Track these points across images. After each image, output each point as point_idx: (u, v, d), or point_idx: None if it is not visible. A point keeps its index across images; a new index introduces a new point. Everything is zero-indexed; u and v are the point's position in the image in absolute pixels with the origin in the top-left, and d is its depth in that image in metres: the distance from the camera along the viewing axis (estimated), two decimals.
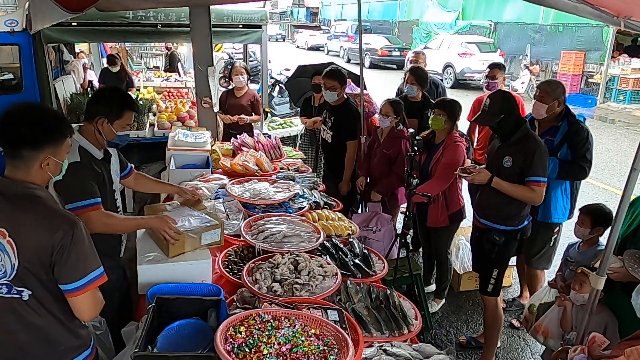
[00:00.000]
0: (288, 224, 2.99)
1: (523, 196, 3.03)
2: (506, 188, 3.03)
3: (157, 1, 4.38)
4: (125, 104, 2.49)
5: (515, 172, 3.02)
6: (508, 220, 3.13)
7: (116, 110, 2.44)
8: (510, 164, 3.03)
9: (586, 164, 3.40)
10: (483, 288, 3.32)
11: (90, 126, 2.43)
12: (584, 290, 2.60)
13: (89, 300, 1.75)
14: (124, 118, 2.47)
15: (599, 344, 1.94)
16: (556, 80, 3.90)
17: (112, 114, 2.42)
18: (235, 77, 5.33)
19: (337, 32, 28.82)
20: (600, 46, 14.71)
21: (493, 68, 4.88)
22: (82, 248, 1.70)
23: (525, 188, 3.00)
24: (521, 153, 2.99)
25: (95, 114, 2.42)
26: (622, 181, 6.04)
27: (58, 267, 1.68)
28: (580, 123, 3.45)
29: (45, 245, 1.64)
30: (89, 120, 2.44)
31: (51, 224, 1.66)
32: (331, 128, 4.37)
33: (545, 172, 3.01)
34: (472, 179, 3.17)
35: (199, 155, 4.18)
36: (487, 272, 3.28)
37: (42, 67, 5.52)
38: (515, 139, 3.04)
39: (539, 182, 2.97)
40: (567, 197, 3.61)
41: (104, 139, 2.46)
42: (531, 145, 2.99)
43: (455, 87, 16.32)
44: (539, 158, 2.96)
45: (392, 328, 2.17)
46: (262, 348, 1.70)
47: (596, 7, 1.80)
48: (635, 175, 2.05)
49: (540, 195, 3.00)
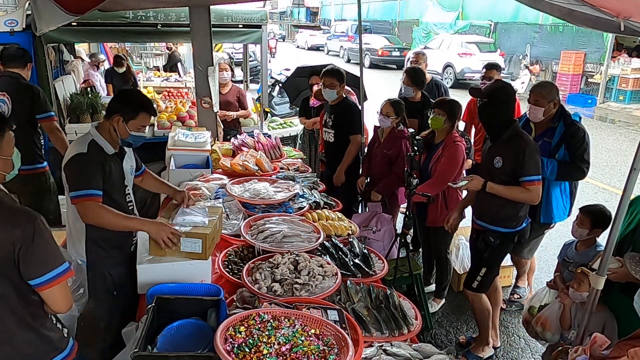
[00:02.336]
0: (288, 224, 2.99)
1: (519, 197, 3.02)
2: (501, 191, 3.02)
3: (157, 1, 4.38)
4: (142, 105, 2.52)
5: (506, 172, 3.01)
6: (505, 222, 3.12)
7: (132, 110, 2.48)
8: (501, 164, 3.02)
9: (584, 165, 3.39)
10: (468, 283, 3.34)
11: (106, 123, 2.50)
12: (582, 289, 2.60)
13: (61, 292, 1.76)
14: (138, 119, 2.50)
15: (600, 344, 1.95)
16: (549, 82, 3.89)
17: (127, 113, 2.47)
18: (219, 74, 5.42)
19: (337, 32, 28.82)
20: (600, 46, 14.71)
21: (490, 69, 4.85)
22: (45, 241, 1.70)
23: (520, 189, 2.99)
24: (511, 153, 2.97)
25: (113, 111, 2.48)
26: (622, 181, 6.04)
27: (24, 264, 1.66)
28: (576, 123, 3.44)
29: (5, 242, 1.63)
30: (107, 117, 2.50)
31: (9, 221, 1.65)
32: (332, 127, 4.37)
33: (538, 170, 2.99)
34: (467, 187, 3.16)
35: (199, 155, 4.17)
36: (475, 269, 3.30)
37: (42, 67, 5.51)
38: (505, 138, 3.03)
39: (533, 181, 2.96)
40: (566, 196, 3.62)
41: (118, 136, 2.51)
42: (521, 144, 2.97)
43: (455, 87, 16.30)
44: (530, 157, 2.94)
45: (392, 328, 2.17)
46: (262, 348, 1.71)
47: (596, 8, 1.80)
48: (635, 175, 2.05)
49: (537, 194, 2.99)
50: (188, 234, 2.35)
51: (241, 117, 5.95)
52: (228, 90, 5.78)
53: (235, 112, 5.77)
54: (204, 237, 2.35)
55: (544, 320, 2.85)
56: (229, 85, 5.80)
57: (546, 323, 2.83)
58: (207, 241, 2.35)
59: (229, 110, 5.72)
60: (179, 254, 2.37)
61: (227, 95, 5.75)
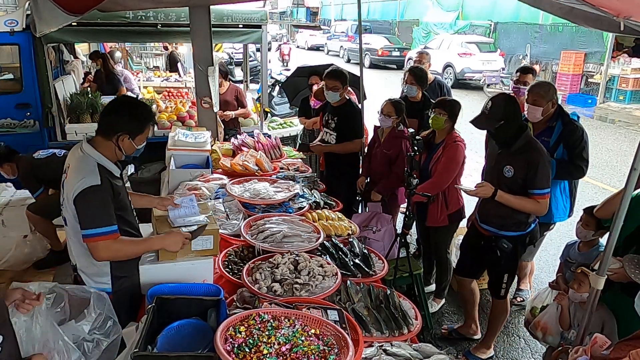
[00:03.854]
0: (288, 224, 2.99)
1: (528, 209, 3.02)
2: (511, 201, 3.00)
3: (157, 1, 4.37)
4: (148, 117, 2.38)
5: (517, 182, 2.99)
6: (514, 227, 3.12)
7: (139, 125, 2.32)
8: (512, 174, 2.99)
9: (583, 163, 3.40)
10: (495, 292, 3.34)
11: (108, 142, 2.29)
12: (582, 290, 2.60)
13: None
14: (145, 132, 2.37)
15: (600, 344, 1.94)
16: (547, 82, 3.85)
17: (134, 130, 2.30)
18: None
19: (337, 32, 28.83)
20: (600, 46, 14.71)
21: (525, 73, 4.41)
22: None
23: (530, 201, 2.97)
24: (523, 164, 2.94)
25: (117, 130, 2.28)
26: (622, 181, 6.04)
27: None
28: (574, 122, 3.45)
29: None
30: (108, 135, 2.29)
31: None
32: (334, 129, 4.36)
33: (549, 183, 2.97)
34: (476, 194, 3.12)
35: (199, 155, 4.17)
36: (498, 277, 3.29)
37: (42, 67, 5.52)
38: (517, 148, 2.98)
39: (544, 194, 2.94)
40: (566, 196, 3.62)
41: (123, 154, 2.34)
42: (534, 156, 2.92)
43: (455, 87, 16.30)
44: (543, 170, 2.91)
45: (392, 328, 2.17)
46: (262, 348, 1.70)
47: (596, 7, 1.79)
48: (635, 175, 2.05)
49: (545, 206, 2.99)
50: (196, 233, 2.37)
51: (240, 115, 5.96)
52: (225, 90, 5.79)
53: (234, 112, 5.78)
54: (215, 232, 2.42)
55: (544, 325, 2.85)
56: (225, 84, 5.80)
57: (546, 328, 2.83)
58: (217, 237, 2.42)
59: (227, 110, 5.72)
60: (190, 254, 2.38)
61: (225, 95, 5.75)
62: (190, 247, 2.37)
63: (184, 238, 2.29)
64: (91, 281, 2.38)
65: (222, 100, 5.68)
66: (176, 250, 2.29)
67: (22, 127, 5.69)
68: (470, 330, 3.78)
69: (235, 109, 5.85)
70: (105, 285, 2.37)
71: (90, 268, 2.37)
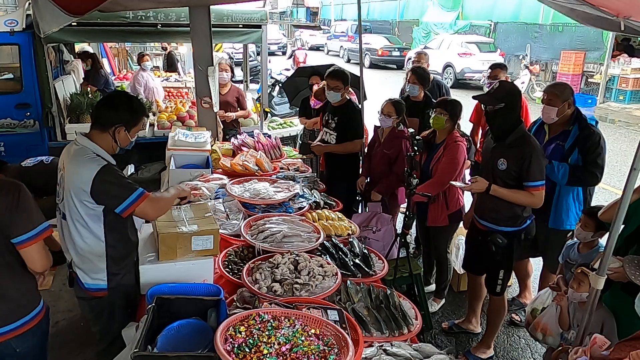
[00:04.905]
0: (288, 224, 2.99)
1: (523, 201, 3.03)
2: (505, 194, 3.02)
3: (157, 1, 4.38)
4: (142, 110, 2.48)
5: (510, 175, 3.01)
6: (509, 222, 3.13)
7: (133, 117, 2.40)
8: (505, 167, 3.01)
9: (597, 170, 3.28)
10: (491, 289, 3.35)
11: (105, 134, 2.35)
12: (581, 290, 2.59)
13: (39, 250, 2.08)
14: (139, 124, 2.45)
15: (600, 345, 1.94)
16: (563, 82, 3.86)
17: (129, 122, 2.38)
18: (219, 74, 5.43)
19: (337, 32, 28.80)
20: (600, 46, 14.70)
21: (495, 68, 4.83)
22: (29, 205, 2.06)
23: (524, 193, 2.99)
24: (517, 157, 2.96)
25: (114, 122, 2.34)
26: (622, 181, 6.04)
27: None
28: (592, 127, 3.33)
29: None
30: (104, 128, 2.35)
31: None
32: (335, 129, 4.35)
33: (543, 175, 2.98)
34: (470, 189, 3.15)
35: (199, 155, 4.17)
36: (494, 274, 3.29)
37: (42, 67, 5.52)
38: (511, 141, 3.01)
39: (538, 186, 2.96)
40: (579, 203, 3.51)
41: (118, 146, 2.41)
42: (527, 148, 2.95)
43: (455, 87, 16.30)
44: (536, 162, 2.93)
45: (392, 328, 2.17)
46: (262, 348, 1.70)
47: (596, 7, 1.79)
48: (635, 175, 2.05)
49: (540, 198, 2.99)
50: (197, 233, 2.38)
51: (240, 117, 5.96)
52: (227, 91, 5.80)
53: (235, 113, 5.78)
54: (215, 232, 2.42)
55: (544, 326, 2.85)
56: (228, 85, 5.82)
57: (546, 329, 2.83)
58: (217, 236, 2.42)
59: (228, 111, 5.72)
60: (190, 254, 2.39)
61: (227, 96, 5.76)
62: (190, 247, 2.38)
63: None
64: (87, 277, 2.38)
65: (224, 101, 5.68)
66: (186, 193, 2.70)
67: (22, 127, 5.69)
68: (471, 325, 3.80)
69: (236, 110, 5.85)
70: (100, 282, 2.39)
71: (85, 264, 2.37)
